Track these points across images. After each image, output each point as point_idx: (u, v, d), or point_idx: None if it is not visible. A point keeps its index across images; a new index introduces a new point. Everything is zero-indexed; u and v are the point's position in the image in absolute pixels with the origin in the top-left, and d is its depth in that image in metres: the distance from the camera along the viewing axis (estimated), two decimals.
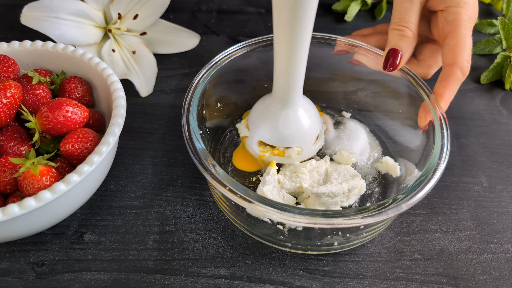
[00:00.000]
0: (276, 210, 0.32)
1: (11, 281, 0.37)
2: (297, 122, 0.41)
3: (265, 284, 0.37)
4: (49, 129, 0.38)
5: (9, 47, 0.44)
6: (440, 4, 0.41)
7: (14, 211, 0.32)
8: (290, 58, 0.36)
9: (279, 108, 0.40)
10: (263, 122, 0.41)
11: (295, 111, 0.40)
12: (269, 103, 0.41)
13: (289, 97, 0.39)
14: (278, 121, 0.40)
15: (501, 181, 0.45)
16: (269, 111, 0.41)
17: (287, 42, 0.35)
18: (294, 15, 0.32)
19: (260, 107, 0.42)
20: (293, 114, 0.40)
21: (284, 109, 0.40)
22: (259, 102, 0.43)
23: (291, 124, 0.41)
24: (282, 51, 0.36)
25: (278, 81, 0.39)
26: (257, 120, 0.42)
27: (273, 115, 0.41)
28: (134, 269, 0.38)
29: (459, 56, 0.39)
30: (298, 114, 0.41)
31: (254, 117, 0.42)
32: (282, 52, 0.36)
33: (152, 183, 0.44)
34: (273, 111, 0.41)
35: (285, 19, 0.33)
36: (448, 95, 0.39)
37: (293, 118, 0.40)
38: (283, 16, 0.33)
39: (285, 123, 0.40)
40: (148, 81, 0.52)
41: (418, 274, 0.38)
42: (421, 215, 0.42)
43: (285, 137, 0.41)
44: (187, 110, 0.38)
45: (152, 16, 0.53)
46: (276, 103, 0.40)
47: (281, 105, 0.40)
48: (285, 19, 0.33)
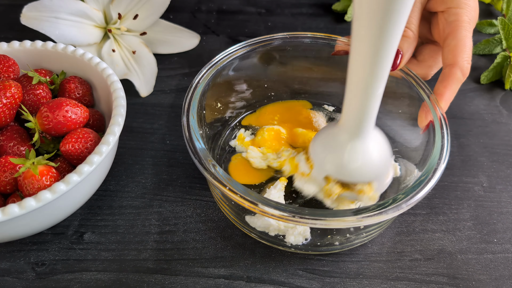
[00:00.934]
0: (276, 211, 0.32)
1: (11, 281, 0.37)
2: (367, 155, 0.36)
3: (265, 284, 0.37)
4: (49, 129, 0.38)
5: (9, 47, 0.44)
6: (440, 5, 0.41)
7: (14, 211, 0.32)
8: (369, 84, 0.32)
9: (347, 139, 0.36)
10: (328, 155, 0.37)
11: (366, 143, 0.36)
12: (335, 133, 0.37)
13: (361, 129, 0.35)
14: (344, 152, 0.36)
15: (501, 181, 0.45)
16: (336, 142, 0.37)
17: (369, 66, 0.31)
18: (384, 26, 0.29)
19: (325, 138, 0.38)
20: (363, 146, 0.36)
21: (353, 140, 0.36)
22: (322, 133, 0.39)
23: (359, 158, 0.36)
24: (360, 75, 0.32)
25: (350, 110, 0.35)
26: (322, 153, 0.38)
27: (340, 147, 0.36)
28: (134, 269, 0.38)
29: (459, 57, 0.39)
30: (370, 147, 0.36)
31: (319, 149, 0.38)
32: (360, 76, 0.32)
33: (152, 183, 0.44)
34: (341, 143, 0.36)
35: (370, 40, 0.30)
36: (448, 96, 0.39)
37: (362, 151, 0.36)
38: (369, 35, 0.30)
39: (352, 156, 0.36)
40: (148, 81, 0.52)
41: (418, 274, 0.38)
42: (421, 215, 0.42)
43: (352, 171, 0.37)
44: (187, 110, 0.38)
45: (152, 16, 0.53)
46: (344, 135, 0.36)
47: (349, 136, 0.36)
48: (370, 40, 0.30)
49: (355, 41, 0.31)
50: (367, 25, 0.29)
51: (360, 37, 0.30)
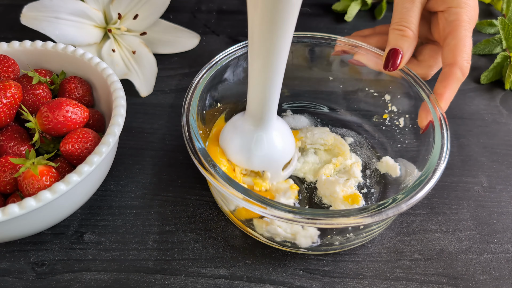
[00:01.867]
0: (276, 210, 0.32)
1: (11, 281, 0.37)
2: (270, 146, 0.39)
3: (265, 284, 0.37)
4: (49, 129, 0.38)
5: (9, 47, 0.44)
6: (441, 5, 0.41)
7: (14, 211, 0.32)
8: (266, 76, 0.34)
9: (251, 130, 0.39)
10: (234, 143, 0.40)
11: (268, 133, 0.39)
12: (241, 123, 0.40)
13: (263, 119, 0.38)
14: (250, 143, 0.39)
15: (501, 181, 0.45)
16: (241, 132, 0.39)
17: (264, 58, 0.33)
18: (272, 27, 0.31)
19: (232, 128, 0.41)
20: (266, 137, 0.39)
21: (257, 131, 0.39)
22: (230, 123, 0.41)
23: (263, 147, 0.39)
24: (258, 68, 0.34)
25: (253, 102, 0.37)
26: (228, 141, 0.40)
27: (245, 137, 0.39)
28: (134, 269, 0.38)
29: (459, 56, 0.39)
30: (272, 137, 0.39)
31: (226, 138, 0.41)
32: (258, 69, 0.34)
33: (152, 183, 0.44)
34: (245, 133, 0.39)
35: (260, 31, 0.31)
36: (448, 95, 0.39)
37: (265, 141, 0.39)
38: (259, 27, 0.31)
39: (256, 146, 0.39)
40: (148, 81, 0.52)
41: (418, 274, 0.38)
42: (421, 215, 0.42)
43: (254, 160, 0.39)
44: (187, 110, 0.38)
45: (152, 16, 0.53)
46: (249, 124, 0.39)
47: (254, 127, 0.39)
48: (260, 31, 0.31)
49: (250, 26, 0.32)
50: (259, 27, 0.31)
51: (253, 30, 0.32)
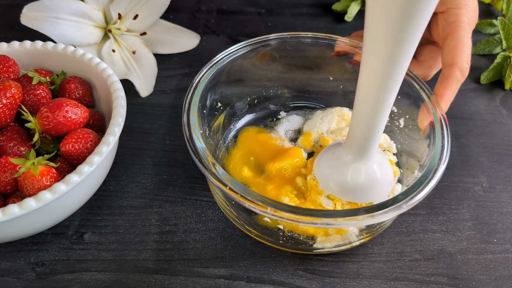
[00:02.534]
0: (276, 210, 0.32)
1: (11, 281, 0.37)
2: (370, 178, 0.37)
3: (265, 284, 0.37)
4: (49, 129, 0.38)
5: (9, 47, 0.44)
6: (440, 5, 0.41)
7: (14, 212, 0.32)
8: (376, 111, 0.33)
9: (351, 160, 0.37)
10: (331, 174, 0.38)
11: (369, 165, 0.37)
12: (340, 154, 0.38)
13: (366, 151, 0.36)
14: (347, 174, 0.37)
15: (501, 181, 0.45)
16: (340, 163, 0.38)
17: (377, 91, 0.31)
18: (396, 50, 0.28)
19: (330, 158, 0.39)
20: (366, 169, 0.37)
21: (356, 162, 0.37)
22: (327, 152, 0.40)
23: (362, 179, 0.37)
24: (370, 98, 0.32)
25: (356, 134, 0.36)
26: (325, 171, 0.39)
27: (343, 168, 0.37)
28: (134, 269, 0.38)
29: (458, 57, 0.39)
30: (374, 169, 0.37)
31: (322, 167, 0.39)
32: (368, 103, 0.33)
33: (152, 183, 0.44)
34: (345, 163, 0.37)
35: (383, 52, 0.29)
36: (448, 96, 0.39)
37: (365, 173, 0.37)
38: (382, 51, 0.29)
39: (355, 177, 0.37)
40: (148, 81, 0.52)
41: (418, 274, 0.38)
42: (421, 215, 0.42)
43: (355, 192, 0.38)
44: (187, 109, 0.38)
45: (152, 16, 0.53)
46: (348, 156, 0.37)
47: (353, 158, 0.37)
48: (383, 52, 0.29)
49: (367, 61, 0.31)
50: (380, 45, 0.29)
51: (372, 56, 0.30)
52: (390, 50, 0.29)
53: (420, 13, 0.27)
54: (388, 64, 0.30)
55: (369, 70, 0.31)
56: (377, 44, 0.29)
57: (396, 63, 0.30)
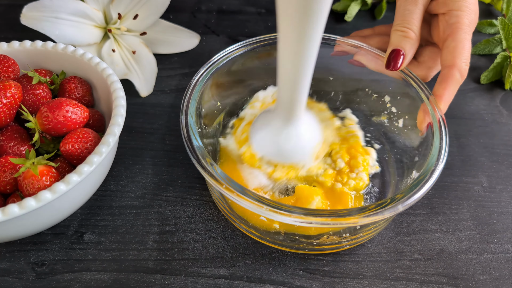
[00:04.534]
0: (272, 209, 0.32)
1: (11, 281, 0.37)
2: (299, 139, 0.40)
3: (265, 284, 0.37)
4: (49, 129, 0.38)
5: (9, 47, 0.44)
6: (442, 7, 0.41)
7: (14, 211, 0.32)
8: (297, 74, 0.35)
9: (282, 125, 0.39)
10: (265, 139, 0.41)
11: (298, 128, 0.40)
12: (271, 119, 0.40)
13: (293, 114, 0.39)
14: (280, 137, 0.40)
15: (501, 181, 0.45)
16: (272, 128, 0.40)
17: (294, 55, 0.33)
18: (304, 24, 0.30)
19: (262, 124, 0.41)
20: (295, 131, 0.40)
21: (287, 126, 0.39)
22: (260, 118, 0.42)
23: (292, 141, 0.40)
24: (288, 66, 0.34)
25: (283, 98, 0.38)
26: (259, 137, 0.41)
27: (275, 132, 0.40)
28: (134, 269, 0.38)
29: (457, 59, 0.39)
30: (301, 131, 0.40)
31: (256, 134, 0.41)
32: (288, 67, 0.34)
33: (152, 183, 0.44)
34: (276, 128, 0.40)
35: (293, 29, 0.31)
36: (447, 97, 0.39)
37: (295, 135, 0.40)
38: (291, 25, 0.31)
39: (287, 140, 0.40)
40: (148, 81, 0.52)
41: (418, 274, 0.38)
42: (421, 215, 0.42)
43: (286, 153, 0.40)
44: (185, 109, 0.38)
45: (152, 16, 0.53)
46: (279, 120, 0.40)
47: (284, 121, 0.39)
48: (293, 29, 0.31)
49: (280, 33, 0.32)
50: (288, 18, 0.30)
51: (283, 28, 0.32)
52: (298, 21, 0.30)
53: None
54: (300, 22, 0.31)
55: (284, 30, 0.32)
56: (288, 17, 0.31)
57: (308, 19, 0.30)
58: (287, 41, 0.32)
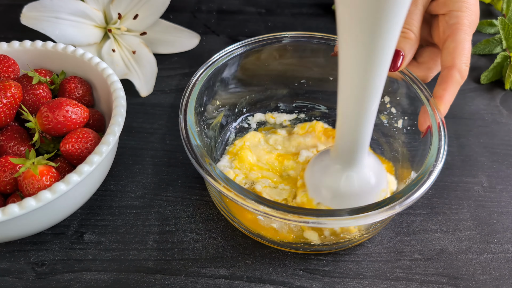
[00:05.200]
0: (270, 209, 0.32)
1: (11, 281, 0.37)
2: (362, 184, 0.36)
3: (265, 284, 0.37)
4: (49, 129, 0.38)
5: (9, 47, 0.44)
6: (442, 8, 0.41)
7: (14, 211, 0.32)
8: (361, 115, 0.32)
9: (340, 169, 0.36)
10: (323, 184, 0.37)
11: (360, 172, 0.36)
12: (329, 163, 0.37)
13: (355, 158, 0.35)
14: (339, 183, 0.36)
15: (501, 181, 0.45)
16: (331, 172, 0.37)
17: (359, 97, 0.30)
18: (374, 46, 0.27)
19: (320, 168, 0.38)
20: (357, 176, 0.36)
21: (347, 171, 0.36)
22: (317, 161, 0.39)
23: (354, 186, 0.36)
24: (352, 107, 0.31)
25: (343, 142, 0.35)
26: (316, 182, 0.38)
27: (335, 177, 0.36)
28: (134, 269, 0.38)
29: (457, 59, 0.39)
30: (365, 175, 0.36)
31: (313, 178, 0.38)
32: (352, 110, 0.31)
33: (152, 183, 0.44)
34: (335, 172, 0.36)
35: (360, 52, 0.28)
36: (447, 98, 0.39)
37: (356, 180, 0.36)
38: (358, 49, 0.27)
39: (347, 185, 0.36)
40: (148, 81, 0.52)
41: (418, 274, 0.38)
42: (421, 215, 0.42)
43: (348, 201, 0.37)
44: (184, 109, 0.38)
45: (152, 16, 0.53)
46: (338, 164, 0.36)
47: (343, 166, 0.36)
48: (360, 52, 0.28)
49: (343, 62, 0.29)
50: (355, 42, 0.27)
51: (348, 56, 0.29)
52: (365, 55, 0.28)
53: (392, 13, 0.25)
54: (365, 71, 0.29)
55: (347, 79, 0.30)
56: (351, 50, 0.28)
57: (373, 68, 0.28)
58: (353, 71, 0.29)
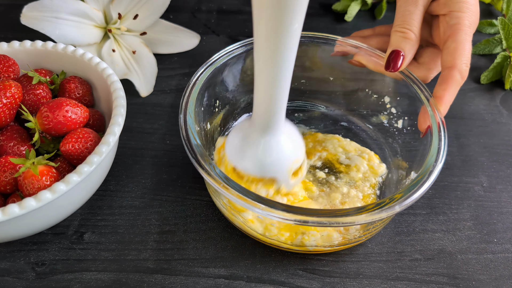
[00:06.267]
0: (268, 208, 0.32)
1: (11, 281, 0.37)
2: (278, 152, 0.38)
3: (265, 284, 0.37)
4: (49, 129, 0.38)
5: (9, 47, 0.44)
6: (443, 8, 0.41)
7: (14, 211, 0.32)
8: (274, 82, 0.33)
9: (258, 135, 0.37)
10: (243, 152, 0.38)
11: (276, 138, 0.37)
12: (248, 131, 0.38)
13: (271, 124, 0.36)
14: (257, 150, 0.37)
15: (501, 181, 0.45)
16: (249, 139, 0.38)
17: (271, 63, 0.32)
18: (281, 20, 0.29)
19: (239, 136, 0.39)
20: (274, 142, 0.37)
21: (264, 137, 0.37)
22: (236, 130, 0.40)
23: (271, 154, 0.37)
24: (264, 67, 0.33)
25: (259, 108, 0.36)
26: (236, 149, 0.39)
27: (253, 144, 0.38)
28: (134, 269, 0.38)
29: (458, 60, 0.39)
30: (280, 142, 0.38)
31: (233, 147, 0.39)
32: (264, 68, 0.33)
33: (152, 183, 0.44)
34: (253, 140, 0.38)
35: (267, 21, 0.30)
36: (447, 98, 0.39)
37: (274, 147, 0.37)
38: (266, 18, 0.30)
39: (264, 153, 0.37)
40: (148, 81, 0.52)
41: (418, 274, 0.38)
42: (421, 215, 0.42)
43: (262, 168, 0.38)
44: (184, 109, 0.38)
45: (152, 16, 0.53)
46: (256, 131, 0.37)
47: (261, 132, 0.37)
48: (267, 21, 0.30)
49: (256, 37, 0.31)
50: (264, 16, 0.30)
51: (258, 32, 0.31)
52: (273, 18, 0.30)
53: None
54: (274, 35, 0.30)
55: (260, 43, 0.32)
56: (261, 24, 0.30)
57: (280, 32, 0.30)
58: (264, 39, 0.31)
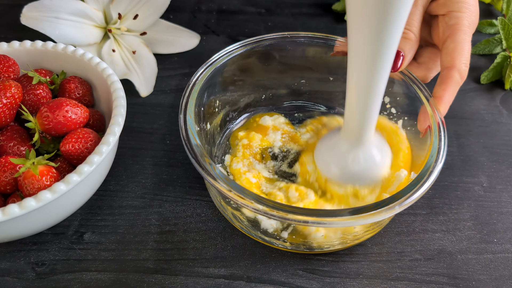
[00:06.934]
0: (268, 208, 0.32)
1: (11, 281, 0.37)
2: (367, 162, 0.39)
3: (265, 284, 0.37)
4: (49, 129, 0.38)
5: (9, 47, 0.44)
6: (442, 8, 0.41)
7: (14, 211, 0.32)
8: (369, 92, 0.34)
9: (348, 148, 0.38)
10: (331, 160, 0.39)
11: (366, 151, 0.39)
12: (336, 142, 0.39)
13: (362, 138, 0.38)
14: (347, 161, 0.39)
15: (501, 181, 0.45)
16: (338, 150, 0.39)
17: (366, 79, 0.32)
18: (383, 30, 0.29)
19: (328, 146, 0.40)
20: (363, 154, 0.39)
21: (353, 149, 0.38)
22: (326, 140, 0.41)
23: (359, 164, 0.39)
24: (358, 89, 0.33)
25: (350, 121, 0.37)
26: (324, 158, 0.40)
27: (342, 155, 0.39)
28: (134, 269, 0.38)
29: (457, 60, 0.39)
30: (371, 153, 0.39)
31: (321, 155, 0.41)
32: (358, 90, 0.34)
33: (152, 183, 0.44)
34: (342, 151, 0.39)
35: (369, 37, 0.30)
36: (447, 98, 0.39)
37: (363, 158, 0.39)
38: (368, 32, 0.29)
39: (353, 163, 0.39)
40: (148, 81, 0.52)
41: (418, 274, 0.38)
42: (421, 215, 0.42)
43: (354, 176, 0.39)
44: (184, 109, 0.38)
45: (152, 16, 0.53)
46: (345, 143, 0.39)
47: (350, 145, 0.38)
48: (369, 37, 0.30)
49: (352, 47, 0.31)
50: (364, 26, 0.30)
51: (356, 41, 0.31)
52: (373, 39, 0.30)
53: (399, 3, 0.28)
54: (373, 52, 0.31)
55: (356, 60, 0.32)
56: (360, 34, 0.31)
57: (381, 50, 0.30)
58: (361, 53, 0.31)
